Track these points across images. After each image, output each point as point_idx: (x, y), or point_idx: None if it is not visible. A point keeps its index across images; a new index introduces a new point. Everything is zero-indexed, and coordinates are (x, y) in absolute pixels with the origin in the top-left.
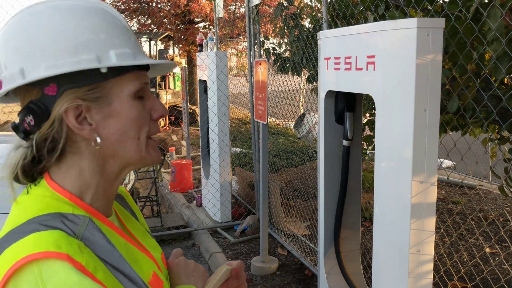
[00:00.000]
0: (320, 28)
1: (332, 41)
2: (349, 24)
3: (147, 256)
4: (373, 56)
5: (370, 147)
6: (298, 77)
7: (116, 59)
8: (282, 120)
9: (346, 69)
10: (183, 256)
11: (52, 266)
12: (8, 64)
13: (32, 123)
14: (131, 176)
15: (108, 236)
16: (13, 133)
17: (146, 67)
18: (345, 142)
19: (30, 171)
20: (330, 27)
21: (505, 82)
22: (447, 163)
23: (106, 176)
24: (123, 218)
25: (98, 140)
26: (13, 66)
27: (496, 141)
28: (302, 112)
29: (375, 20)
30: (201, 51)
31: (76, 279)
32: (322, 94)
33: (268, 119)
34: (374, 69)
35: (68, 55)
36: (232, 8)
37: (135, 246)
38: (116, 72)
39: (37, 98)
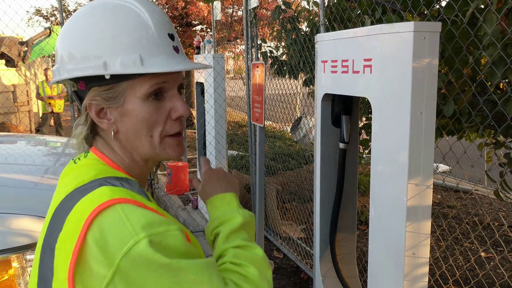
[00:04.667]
0: (317, 32)
1: (329, 44)
2: (346, 27)
3: None
4: (370, 60)
5: (366, 151)
6: (295, 81)
7: (120, 67)
8: (279, 124)
9: (343, 72)
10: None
11: (131, 207)
12: (56, 61)
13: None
14: None
15: (151, 200)
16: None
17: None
18: (341, 145)
19: (89, 141)
20: (327, 30)
21: (501, 87)
22: (443, 167)
23: (135, 161)
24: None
25: (113, 133)
26: (56, 65)
27: (491, 146)
28: (298, 115)
29: (372, 24)
30: (198, 53)
31: (152, 214)
32: (319, 97)
33: (265, 122)
34: (370, 72)
35: (81, 61)
36: (230, 11)
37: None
38: (130, 75)
39: (76, 90)
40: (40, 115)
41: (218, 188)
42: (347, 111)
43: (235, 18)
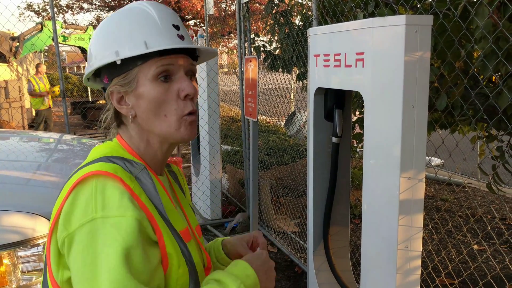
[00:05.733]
0: (310, 25)
1: (321, 38)
2: (338, 21)
3: (185, 216)
4: (362, 53)
5: (359, 145)
6: (289, 75)
7: (129, 51)
8: (273, 118)
9: (335, 66)
10: (261, 251)
11: (106, 181)
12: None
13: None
14: None
15: (156, 185)
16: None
17: (179, 51)
18: (334, 139)
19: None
20: (320, 24)
21: (493, 80)
22: (436, 161)
23: (150, 145)
24: (174, 187)
25: (131, 117)
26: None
27: (484, 139)
28: (292, 110)
29: (364, 17)
30: None
31: (119, 195)
32: (311, 91)
33: (259, 117)
34: (363, 66)
35: (100, 53)
36: (223, 5)
37: (173, 204)
38: (140, 60)
39: (103, 86)
40: (33, 112)
41: (261, 271)
42: (340, 105)
43: (229, 12)
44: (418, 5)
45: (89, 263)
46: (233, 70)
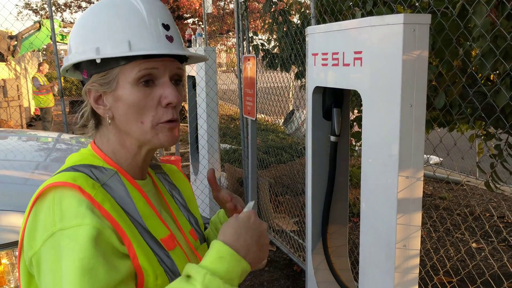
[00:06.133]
0: (308, 24)
1: (319, 37)
2: (337, 20)
3: (175, 220)
4: (360, 52)
5: (358, 143)
6: (288, 74)
7: (110, 50)
8: (272, 117)
9: (333, 65)
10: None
11: (64, 192)
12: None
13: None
14: None
15: (130, 191)
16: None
17: (167, 56)
18: (332, 138)
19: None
20: (318, 23)
21: (491, 78)
22: (434, 159)
23: (127, 148)
24: (162, 190)
25: (108, 119)
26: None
27: (482, 138)
28: (291, 108)
29: (362, 16)
30: (189, 46)
31: (76, 204)
32: (309, 90)
33: (258, 116)
34: (361, 65)
35: (79, 47)
36: (222, 3)
37: (155, 210)
38: (123, 60)
39: (82, 80)
40: (33, 110)
41: (243, 243)
42: (338, 104)
43: (227, 10)
44: (416, 4)
45: (55, 281)
46: (232, 69)
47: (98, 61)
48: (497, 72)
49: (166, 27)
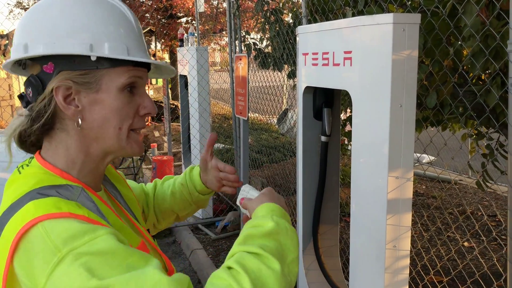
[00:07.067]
0: (300, 24)
1: (309, 37)
2: (328, 19)
3: (135, 226)
4: (350, 52)
5: (351, 143)
6: (282, 73)
7: (108, 51)
8: (266, 116)
9: (323, 64)
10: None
11: (53, 222)
12: (16, 39)
13: (31, 94)
14: None
15: (99, 205)
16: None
17: (145, 65)
18: (323, 138)
19: (25, 140)
20: (309, 22)
21: (483, 78)
22: (427, 158)
23: (90, 156)
24: (114, 197)
25: (80, 122)
26: (19, 41)
27: (473, 137)
28: (285, 107)
29: (353, 15)
30: (182, 46)
31: (78, 224)
32: (300, 90)
33: (252, 115)
34: (351, 65)
35: (64, 39)
36: (215, 2)
37: (121, 220)
38: (110, 63)
39: (37, 73)
40: None
41: (283, 205)
42: (329, 104)
43: (220, 9)
44: (407, 3)
45: None
46: (226, 68)
47: (93, 59)
48: (488, 71)
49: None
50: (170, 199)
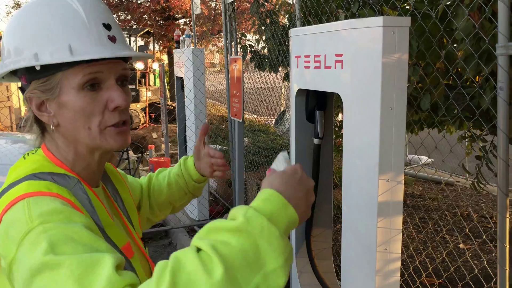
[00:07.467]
0: (294, 26)
1: (302, 39)
2: (321, 22)
3: (126, 227)
4: (341, 55)
5: None
6: (279, 74)
7: (50, 57)
8: (264, 117)
9: (315, 67)
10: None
11: (38, 198)
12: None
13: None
14: None
15: (92, 199)
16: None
17: (114, 58)
18: (316, 141)
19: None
20: (303, 24)
21: (477, 80)
22: (424, 159)
23: (79, 154)
24: (111, 196)
25: (52, 127)
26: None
27: (467, 139)
28: (282, 109)
29: (346, 18)
30: (178, 47)
31: (60, 205)
32: (293, 93)
33: (249, 117)
34: (342, 68)
35: (15, 54)
36: (213, 4)
37: (112, 218)
38: (66, 65)
39: (21, 86)
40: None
41: (292, 192)
42: (321, 107)
43: (218, 11)
44: (399, 6)
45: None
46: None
47: (37, 68)
48: (482, 74)
49: (108, 26)
50: (167, 190)
